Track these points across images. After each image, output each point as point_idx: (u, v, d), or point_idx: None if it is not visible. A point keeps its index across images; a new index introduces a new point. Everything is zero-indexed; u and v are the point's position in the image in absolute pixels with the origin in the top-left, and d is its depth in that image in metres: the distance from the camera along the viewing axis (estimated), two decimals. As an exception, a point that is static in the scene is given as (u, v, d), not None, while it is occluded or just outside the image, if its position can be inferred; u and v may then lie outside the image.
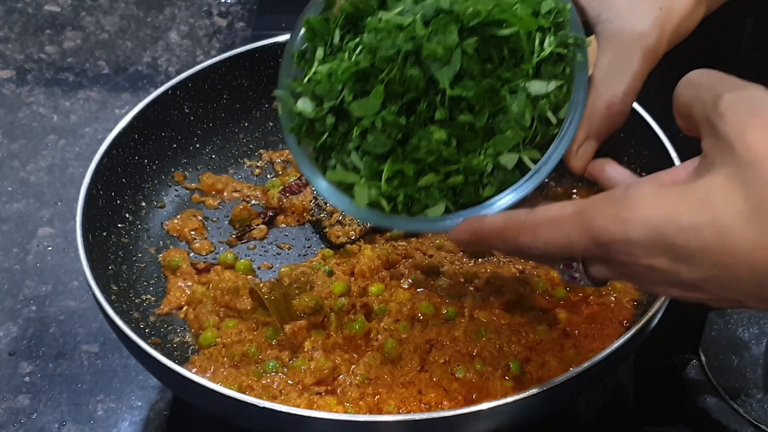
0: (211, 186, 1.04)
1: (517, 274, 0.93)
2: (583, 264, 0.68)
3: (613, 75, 0.75)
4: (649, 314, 0.81)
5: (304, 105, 0.76)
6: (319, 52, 0.78)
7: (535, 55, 0.74)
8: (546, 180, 1.00)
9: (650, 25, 0.76)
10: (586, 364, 0.78)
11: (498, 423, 0.78)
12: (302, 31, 0.79)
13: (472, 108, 0.73)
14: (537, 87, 0.74)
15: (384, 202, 0.75)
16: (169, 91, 1.01)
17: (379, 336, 0.88)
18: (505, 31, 0.73)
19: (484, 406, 0.76)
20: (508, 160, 0.74)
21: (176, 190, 1.03)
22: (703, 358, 0.94)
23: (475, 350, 0.86)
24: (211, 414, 0.86)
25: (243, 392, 0.82)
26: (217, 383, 0.80)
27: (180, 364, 0.82)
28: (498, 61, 0.73)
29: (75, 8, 1.38)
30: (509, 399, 0.76)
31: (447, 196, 0.75)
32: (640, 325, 0.81)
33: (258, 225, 1.00)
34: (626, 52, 0.76)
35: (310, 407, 0.82)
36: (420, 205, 0.75)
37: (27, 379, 0.97)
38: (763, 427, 0.89)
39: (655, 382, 0.94)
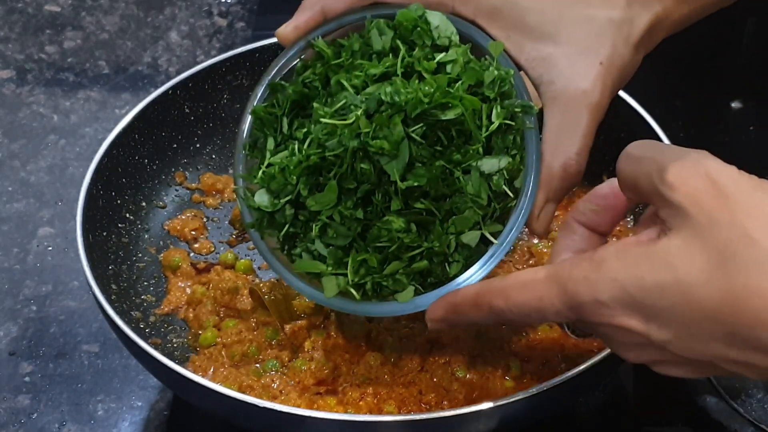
0: (212, 186, 1.03)
1: (517, 274, 0.93)
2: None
3: (564, 136, 0.75)
4: (649, 314, 0.81)
5: (262, 199, 0.76)
6: (270, 143, 0.78)
7: (484, 129, 0.73)
8: None
9: (592, 81, 0.76)
10: (586, 364, 0.78)
11: (498, 423, 0.78)
12: (250, 121, 0.79)
13: (427, 194, 0.73)
14: (489, 165, 0.73)
15: (353, 291, 0.75)
16: (169, 91, 1.01)
17: (380, 336, 0.88)
18: (450, 114, 0.72)
19: (484, 406, 0.76)
20: (470, 238, 0.74)
21: (176, 190, 1.03)
22: (703, 358, 0.94)
23: (476, 350, 0.86)
24: (211, 414, 0.86)
25: (243, 392, 0.82)
26: (217, 383, 0.80)
27: (180, 364, 0.82)
28: (447, 143, 0.73)
29: (75, 8, 1.38)
30: (509, 399, 0.76)
31: (415, 279, 0.75)
32: (640, 325, 0.80)
33: (258, 225, 1.01)
34: (573, 112, 0.76)
35: (310, 407, 0.82)
36: (389, 290, 0.75)
37: (27, 379, 0.97)
38: (763, 426, 0.89)
39: (655, 382, 0.94)
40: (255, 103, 0.80)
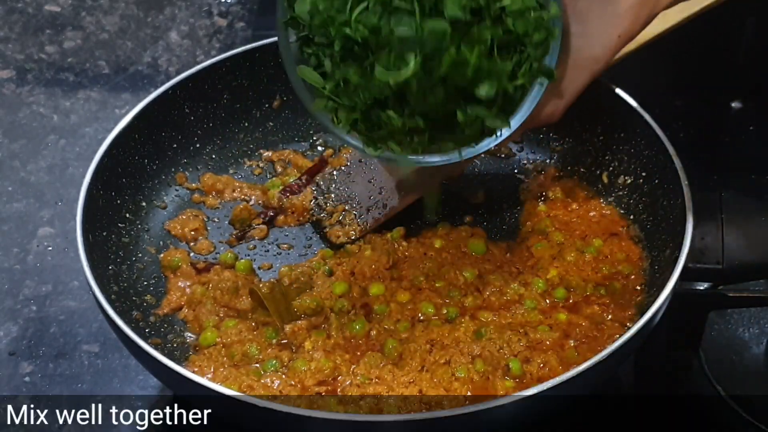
0: (212, 186, 1.03)
1: (517, 275, 0.93)
2: None
3: (561, 89, 0.85)
4: (649, 314, 0.81)
5: (302, 8, 0.82)
6: None
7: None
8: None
9: (604, 51, 0.85)
10: (586, 364, 0.78)
11: (498, 423, 0.78)
12: None
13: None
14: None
15: (333, 115, 0.84)
16: (169, 91, 1.01)
17: (380, 336, 0.88)
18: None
19: (484, 406, 0.76)
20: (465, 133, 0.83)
21: (176, 190, 1.03)
22: (703, 358, 0.94)
23: (476, 350, 0.86)
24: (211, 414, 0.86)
25: (243, 392, 0.82)
26: (217, 383, 0.80)
27: (180, 364, 0.82)
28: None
29: (75, 8, 1.38)
30: (509, 399, 0.76)
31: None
32: (640, 325, 0.81)
33: (258, 225, 1.01)
34: (577, 71, 0.85)
35: (310, 407, 0.82)
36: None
37: (27, 379, 0.97)
38: (763, 427, 0.89)
39: (655, 382, 0.94)
40: None
